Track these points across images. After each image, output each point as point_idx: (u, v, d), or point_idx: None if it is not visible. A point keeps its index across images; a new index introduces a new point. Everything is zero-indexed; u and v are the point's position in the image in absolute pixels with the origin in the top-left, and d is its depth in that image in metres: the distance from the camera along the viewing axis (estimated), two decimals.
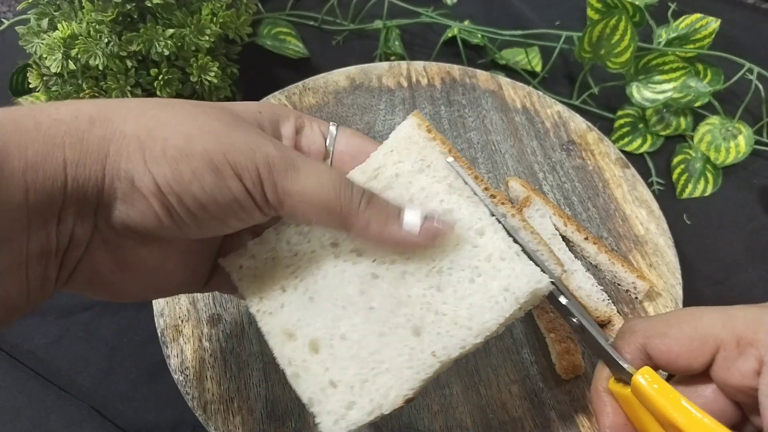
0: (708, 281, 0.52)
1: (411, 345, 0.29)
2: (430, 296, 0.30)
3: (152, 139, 0.25)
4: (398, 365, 0.29)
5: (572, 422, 0.40)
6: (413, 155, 0.33)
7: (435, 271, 0.30)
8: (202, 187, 0.26)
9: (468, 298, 0.29)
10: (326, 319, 0.30)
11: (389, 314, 0.30)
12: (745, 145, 0.57)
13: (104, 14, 0.48)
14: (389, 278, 0.30)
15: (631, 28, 0.53)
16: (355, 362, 0.29)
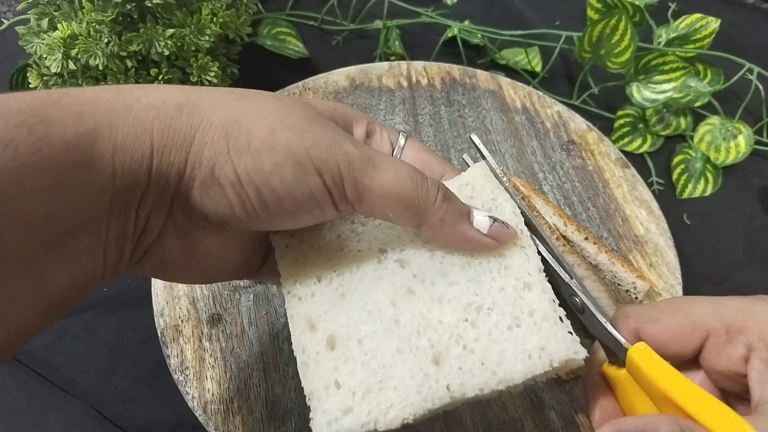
0: (708, 281, 0.52)
1: (427, 371, 0.28)
2: (462, 329, 0.29)
3: (238, 129, 0.26)
4: (407, 386, 0.28)
5: (572, 422, 0.40)
6: (486, 194, 0.33)
7: (475, 307, 0.30)
8: (281, 181, 0.26)
9: (502, 344, 0.29)
10: (350, 319, 0.30)
11: (414, 333, 0.29)
12: (745, 145, 0.57)
13: (104, 14, 0.48)
14: (425, 298, 0.30)
15: (631, 28, 0.53)
16: (365, 370, 0.29)
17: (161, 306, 0.43)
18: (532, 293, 0.30)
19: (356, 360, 0.29)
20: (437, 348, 0.29)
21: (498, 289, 0.30)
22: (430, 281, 0.30)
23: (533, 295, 0.30)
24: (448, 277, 0.30)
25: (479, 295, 0.30)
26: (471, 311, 0.29)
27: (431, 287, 0.30)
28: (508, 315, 0.29)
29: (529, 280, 0.30)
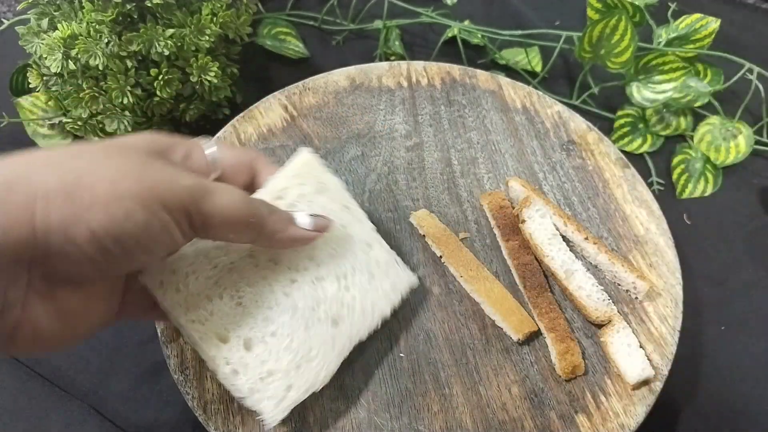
0: (708, 281, 0.52)
1: (332, 333, 0.37)
2: (341, 294, 0.38)
3: (79, 188, 0.26)
4: (324, 350, 0.36)
5: (572, 422, 0.40)
6: (313, 179, 0.39)
7: (342, 275, 0.38)
8: (136, 224, 0.28)
9: (369, 294, 0.38)
10: (257, 320, 0.36)
11: (311, 311, 0.37)
12: (745, 145, 0.57)
13: (104, 14, 0.48)
14: (306, 281, 0.37)
15: (631, 28, 0.53)
16: (288, 353, 0.35)
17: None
18: (374, 250, 0.40)
19: (278, 349, 0.35)
20: (331, 314, 0.37)
21: (352, 255, 0.39)
22: (303, 267, 0.38)
23: (375, 251, 0.40)
24: (314, 259, 0.38)
25: (341, 265, 0.38)
26: (341, 278, 0.38)
27: (306, 272, 0.37)
28: (366, 271, 0.39)
29: (368, 239, 0.40)
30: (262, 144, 0.51)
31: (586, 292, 0.43)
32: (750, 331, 0.49)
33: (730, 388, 0.47)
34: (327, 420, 0.40)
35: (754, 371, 0.48)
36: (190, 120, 0.55)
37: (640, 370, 0.40)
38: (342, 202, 0.40)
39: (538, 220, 0.46)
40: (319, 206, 0.39)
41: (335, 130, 0.53)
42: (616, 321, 0.43)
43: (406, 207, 0.49)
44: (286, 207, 0.37)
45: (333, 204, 0.39)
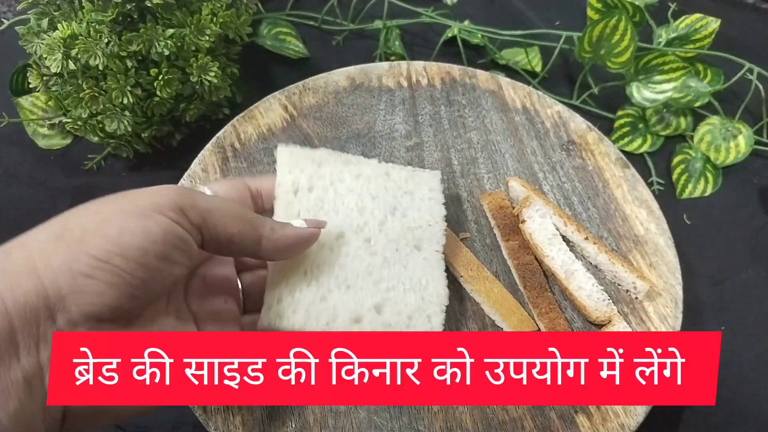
0: (708, 281, 0.52)
1: (423, 257, 0.41)
2: (405, 222, 0.42)
3: (67, 229, 0.27)
4: (423, 270, 0.40)
5: (572, 422, 0.40)
6: (306, 160, 0.42)
7: (391, 210, 0.42)
8: (132, 234, 0.28)
9: (420, 209, 0.42)
10: (356, 281, 0.39)
11: (396, 251, 0.40)
12: (745, 145, 0.57)
13: (104, 14, 0.48)
14: (376, 233, 0.41)
15: (631, 28, 0.53)
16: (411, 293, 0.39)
17: None
18: (392, 174, 0.43)
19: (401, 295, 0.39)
20: (412, 242, 0.41)
21: (384, 190, 0.43)
22: (362, 225, 0.41)
23: (394, 174, 0.44)
24: (364, 212, 0.41)
25: (387, 202, 0.42)
26: (394, 212, 0.42)
27: (366, 226, 0.41)
28: (404, 194, 0.43)
29: (382, 171, 0.43)
30: (262, 144, 0.51)
31: (586, 292, 0.43)
32: (750, 331, 0.49)
33: (730, 388, 0.47)
34: (327, 420, 0.40)
35: (754, 371, 0.48)
36: (190, 120, 0.55)
37: None
38: (341, 159, 0.43)
39: (538, 220, 0.46)
40: (328, 175, 0.41)
41: (335, 130, 0.53)
42: (616, 321, 0.43)
43: None
44: (307, 190, 0.41)
45: (337, 166, 0.42)
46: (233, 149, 0.51)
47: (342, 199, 0.41)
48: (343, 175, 0.42)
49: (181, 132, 0.58)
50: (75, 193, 0.55)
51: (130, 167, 0.57)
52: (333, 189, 0.41)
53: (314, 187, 0.41)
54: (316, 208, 0.40)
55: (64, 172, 0.56)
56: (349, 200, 0.41)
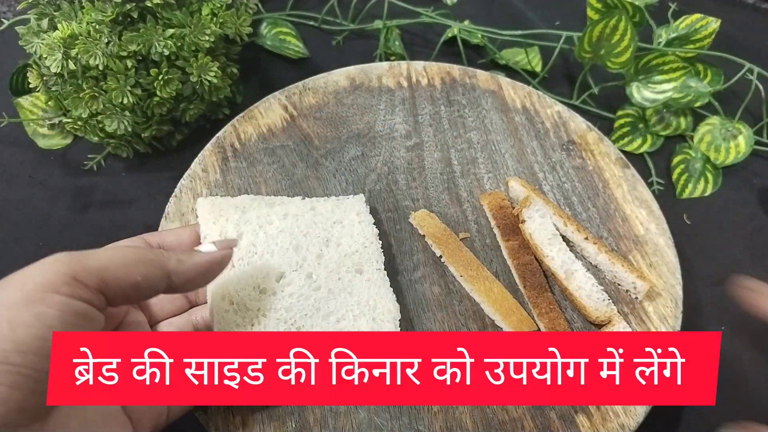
0: (708, 281, 0.52)
1: (368, 278, 0.42)
2: (342, 250, 0.43)
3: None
4: (373, 294, 0.41)
5: (572, 422, 0.40)
6: (229, 210, 0.42)
7: (325, 241, 0.43)
8: (27, 326, 0.26)
9: (352, 233, 0.43)
10: (316, 312, 0.41)
11: (342, 278, 0.42)
12: (745, 145, 0.57)
13: (104, 14, 0.48)
14: (317, 266, 0.42)
15: (631, 28, 0.53)
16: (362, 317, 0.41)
17: None
18: (317, 208, 0.45)
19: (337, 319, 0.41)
20: (355, 268, 0.42)
21: (313, 223, 0.43)
22: (301, 261, 0.42)
23: (319, 207, 0.45)
24: (300, 249, 0.42)
25: (319, 234, 0.43)
26: (327, 244, 0.43)
27: (305, 262, 0.42)
28: (332, 222, 0.44)
29: (307, 207, 0.44)
30: (262, 144, 0.51)
31: (586, 292, 0.43)
32: (750, 331, 0.49)
33: (730, 388, 0.47)
34: (327, 420, 0.40)
35: (754, 371, 0.48)
36: (190, 120, 0.55)
37: None
38: (264, 202, 0.44)
39: (538, 220, 0.46)
40: (253, 218, 0.42)
41: (335, 130, 0.53)
42: (616, 321, 0.43)
43: (406, 207, 0.49)
44: (236, 235, 0.41)
45: (261, 209, 0.43)
46: (233, 149, 0.51)
47: (275, 240, 0.42)
48: (270, 218, 0.43)
49: (181, 132, 0.57)
50: (75, 193, 0.55)
51: (130, 167, 0.57)
52: (263, 232, 0.42)
53: (243, 233, 0.42)
54: (249, 254, 0.41)
55: (64, 172, 0.56)
56: (282, 240, 0.42)
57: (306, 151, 0.51)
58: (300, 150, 0.51)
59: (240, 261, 0.40)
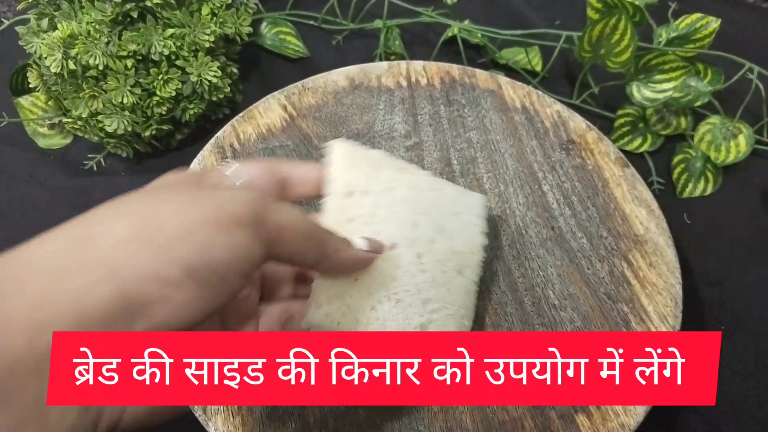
0: (708, 281, 0.52)
1: (460, 282, 0.39)
2: (450, 245, 0.39)
3: (148, 230, 0.25)
4: (458, 296, 0.39)
5: (572, 422, 0.40)
6: (362, 162, 0.40)
7: (440, 229, 0.39)
8: (222, 248, 0.26)
9: (464, 235, 0.40)
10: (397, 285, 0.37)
11: (438, 269, 0.38)
12: (745, 145, 0.57)
13: (104, 14, 0.48)
14: (425, 249, 0.38)
15: (631, 27, 0.53)
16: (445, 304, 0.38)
17: None
18: (445, 191, 0.41)
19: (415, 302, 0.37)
20: (455, 267, 0.39)
21: (434, 207, 0.40)
22: (415, 238, 0.38)
23: (446, 192, 0.41)
24: (417, 226, 0.39)
25: (434, 219, 0.39)
26: (441, 232, 0.39)
27: (419, 241, 0.38)
28: (452, 214, 0.40)
29: (435, 186, 0.41)
30: (261, 144, 0.51)
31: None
32: (750, 331, 0.49)
33: (731, 388, 0.47)
34: (327, 420, 0.40)
35: (754, 371, 0.48)
36: (190, 120, 0.55)
37: None
38: (396, 165, 0.41)
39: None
40: (383, 178, 0.39)
41: (335, 130, 0.53)
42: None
43: None
44: (362, 194, 0.38)
45: (390, 172, 0.40)
46: (233, 149, 0.51)
47: (397, 209, 0.38)
48: (400, 183, 0.39)
49: (181, 132, 0.58)
50: (75, 193, 0.55)
51: (130, 167, 0.57)
52: (388, 197, 0.39)
53: (370, 191, 0.39)
54: (369, 215, 0.38)
55: (64, 171, 0.56)
56: (403, 211, 0.39)
57: (305, 151, 0.51)
58: (299, 150, 0.51)
59: (360, 218, 0.38)
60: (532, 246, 0.47)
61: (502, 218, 0.48)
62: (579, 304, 0.44)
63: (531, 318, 0.44)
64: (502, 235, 0.47)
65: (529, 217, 0.48)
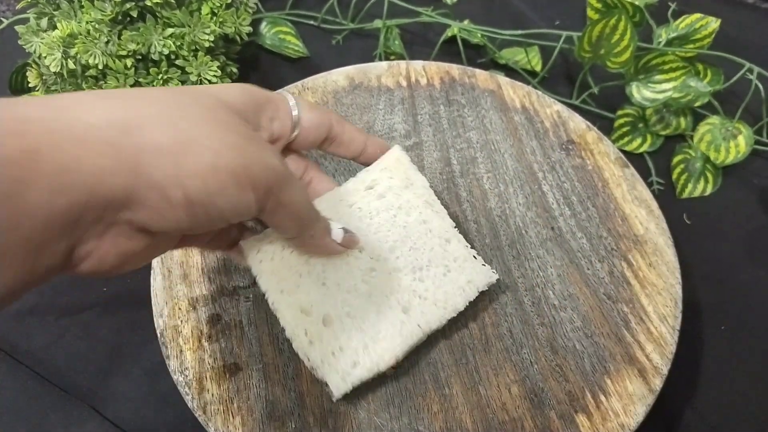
0: (708, 281, 0.52)
1: (401, 319, 0.39)
2: (414, 285, 0.40)
3: (185, 153, 0.27)
4: (392, 334, 0.38)
5: (572, 422, 0.40)
6: (401, 174, 0.42)
7: (417, 268, 0.40)
8: (226, 199, 0.28)
9: (443, 287, 0.40)
10: (336, 301, 0.38)
11: (384, 298, 0.39)
12: (745, 145, 0.57)
13: (103, 13, 0.48)
14: (383, 271, 0.40)
15: (631, 28, 0.53)
16: (359, 333, 0.38)
17: (160, 306, 0.43)
18: (452, 245, 0.41)
19: (350, 328, 0.38)
20: (403, 303, 0.39)
21: (429, 249, 0.41)
22: (384, 258, 0.40)
23: (453, 246, 0.41)
24: (394, 251, 0.40)
25: (418, 258, 0.40)
26: (417, 271, 0.40)
27: (386, 262, 0.40)
28: (441, 266, 0.41)
29: (447, 236, 0.42)
30: None
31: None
32: (750, 331, 0.49)
33: (730, 388, 0.47)
34: (327, 420, 0.40)
35: (754, 371, 0.48)
36: None
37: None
38: (425, 198, 0.42)
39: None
40: (404, 200, 0.42)
41: None
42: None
43: None
44: (377, 197, 0.41)
45: (417, 199, 0.42)
46: None
47: (391, 228, 0.41)
48: (417, 210, 0.42)
49: None
50: None
51: None
52: (395, 214, 0.41)
53: (384, 196, 0.41)
54: (370, 215, 0.41)
55: None
56: (395, 234, 0.41)
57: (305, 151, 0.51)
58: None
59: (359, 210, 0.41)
60: (532, 246, 0.47)
61: (502, 218, 0.48)
62: (579, 305, 0.44)
63: (531, 318, 0.44)
64: (502, 235, 0.47)
65: (529, 217, 0.48)
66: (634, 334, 0.43)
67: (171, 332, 0.42)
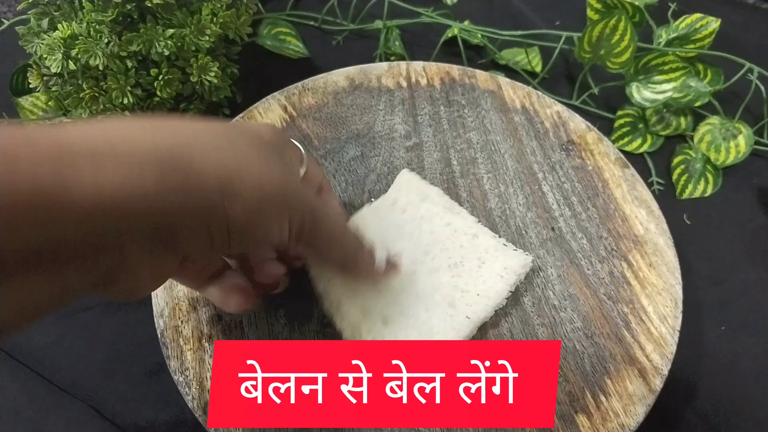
0: (708, 281, 0.52)
1: (450, 314, 0.41)
2: (454, 281, 0.42)
3: (231, 184, 0.28)
4: (444, 329, 0.40)
5: (572, 422, 0.40)
6: (415, 190, 0.46)
7: (452, 265, 0.43)
8: (264, 228, 0.30)
9: (481, 278, 0.42)
10: (389, 301, 0.41)
11: (430, 296, 0.41)
12: (745, 145, 0.57)
13: (104, 14, 0.49)
14: (423, 273, 0.43)
15: (630, 28, 0.53)
16: (414, 330, 0.40)
17: (161, 307, 0.43)
18: (479, 238, 0.44)
19: (405, 326, 0.41)
20: (447, 299, 0.41)
21: (459, 246, 0.44)
22: (420, 261, 0.43)
23: (481, 239, 0.44)
24: (429, 254, 0.43)
25: (451, 257, 0.43)
26: (453, 268, 0.43)
27: (423, 265, 0.43)
28: (474, 259, 0.43)
29: (473, 231, 0.45)
30: None
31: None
32: (750, 331, 0.49)
33: (730, 388, 0.47)
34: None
35: (754, 371, 0.48)
36: None
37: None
38: (443, 204, 0.46)
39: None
40: (424, 210, 0.45)
41: (334, 130, 0.53)
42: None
43: None
44: (400, 212, 0.45)
45: (435, 207, 0.45)
46: None
47: (424, 233, 0.44)
48: (437, 216, 0.45)
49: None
50: None
51: None
52: (422, 223, 0.45)
53: (406, 210, 0.45)
54: (398, 226, 0.44)
55: None
56: (421, 238, 0.44)
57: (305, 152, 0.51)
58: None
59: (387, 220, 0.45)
60: (532, 246, 0.47)
61: (503, 219, 0.48)
62: (579, 305, 0.45)
63: (531, 318, 0.44)
64: (503, 236, 0.47)
65: (529, 217, 0.48)
66: (634, 334, 0.43)
67: (171, 332, 0.42)
